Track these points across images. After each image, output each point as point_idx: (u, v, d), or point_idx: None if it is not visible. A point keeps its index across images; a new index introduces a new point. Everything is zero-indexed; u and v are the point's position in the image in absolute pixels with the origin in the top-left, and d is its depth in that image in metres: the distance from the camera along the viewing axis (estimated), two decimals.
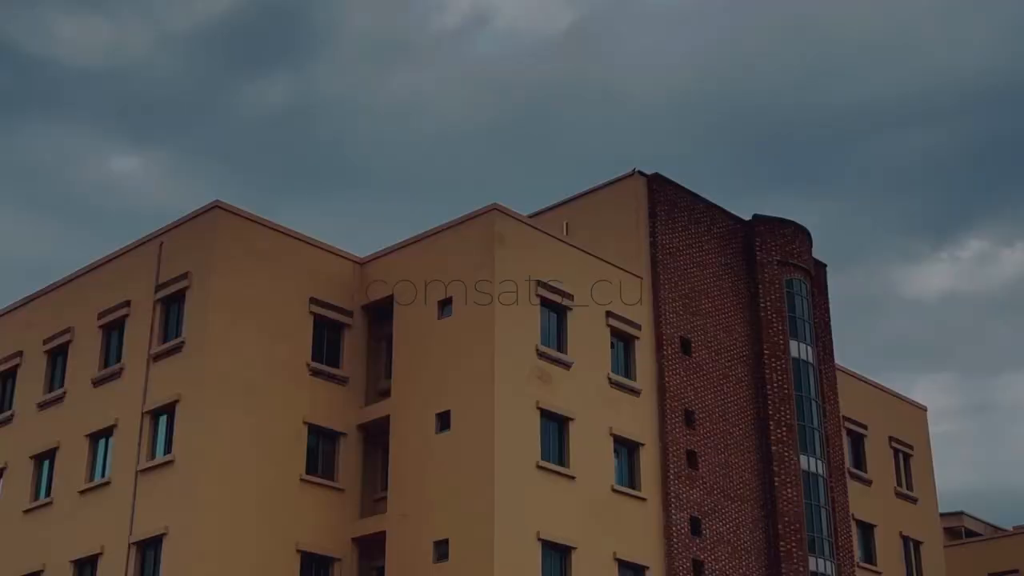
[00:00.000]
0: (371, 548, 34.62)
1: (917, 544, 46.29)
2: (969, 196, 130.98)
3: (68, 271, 38.67)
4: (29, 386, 37.90)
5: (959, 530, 62.90)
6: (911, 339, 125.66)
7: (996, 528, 65.03)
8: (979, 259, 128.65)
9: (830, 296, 44.41)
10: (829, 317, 44.17)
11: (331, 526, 34.31)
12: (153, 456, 33.46)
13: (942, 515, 53.57)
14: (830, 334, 43.95)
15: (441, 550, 32.60)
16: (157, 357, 34.20)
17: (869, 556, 44.07)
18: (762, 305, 41.06)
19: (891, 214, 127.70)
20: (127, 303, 35.69)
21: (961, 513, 64.91)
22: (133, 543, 32.63)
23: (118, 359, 35.54)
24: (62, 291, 38.39)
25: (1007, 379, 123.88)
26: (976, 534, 62.82)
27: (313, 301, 35.66)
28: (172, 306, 34.76)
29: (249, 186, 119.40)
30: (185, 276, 34.22)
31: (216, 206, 34.64)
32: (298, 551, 33.35)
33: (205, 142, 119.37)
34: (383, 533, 34.06)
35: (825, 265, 44.87)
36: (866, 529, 44.32)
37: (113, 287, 36.40)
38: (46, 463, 36.52)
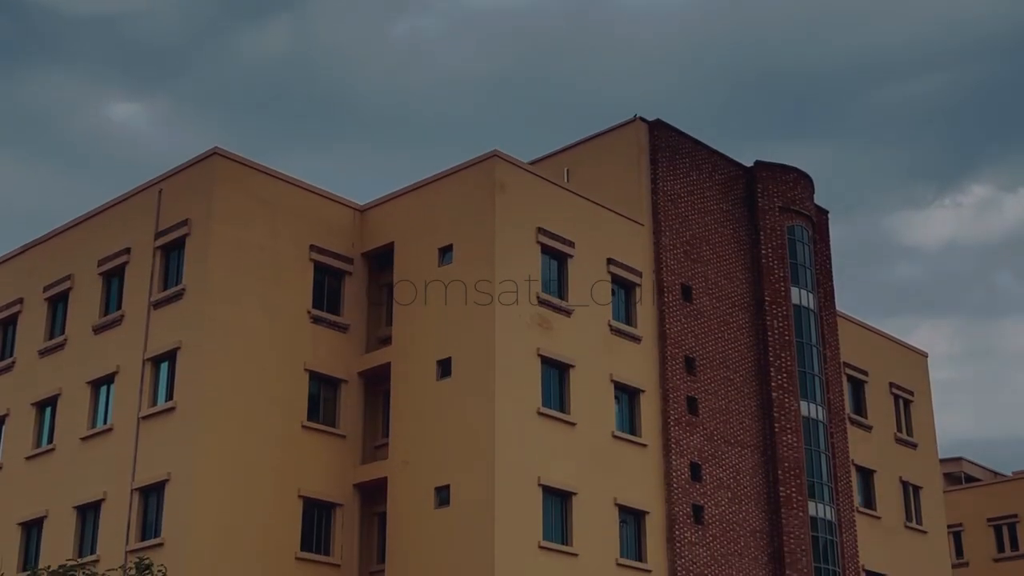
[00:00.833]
0: (373, 494, 34.79)
1: (916, 489, 46.50)
2: (972, 142, 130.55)
3: (67, 218, 38.65)
4: (30, 333, 37.94)
5: (959, 475, 63.22)
6: (913, 286, 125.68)
7: (995, 473, 65.37)
8: (982, 205, 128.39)
9: (832, 243, 44.33)
10: (830, 264, 44.11)
11: (333, 472, 34.47)
12: (155, 403, 33.54)
13: (942, 460, 53.80)
14: (831, 281, 43.92)
15: (442, 496, 32.76)
16: (158, 304, 34.19)
17: (869, 501, 44.28)
18: (763, 252, 41.00)
19: (894, 161, 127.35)
20: (127, 250, 35.64)
21: (960, 459, 65.23)
22: (135, 489, 32.78)
23: (118, 306, 35.54)
24: (62, 238, 38.33)
25: (1008, 326, 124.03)
26: (975, 479, 63.15)
27: (313, 248, 35.60)
28: (172, 253, 34.72)
29: (248, 133, 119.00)
30: (185, 223, 34.14)
31: (215, 153, 34.50)
32: (300, 497, 33.52)
33: (204, 89, 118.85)
34: (384, 479, 34.21)
35: (827, 212, 44.74)
36: (866, 474, 44.49)
37: (113, 234, 36.33)
38: (48, 410, 36.64)
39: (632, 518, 35.29)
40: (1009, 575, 55.60)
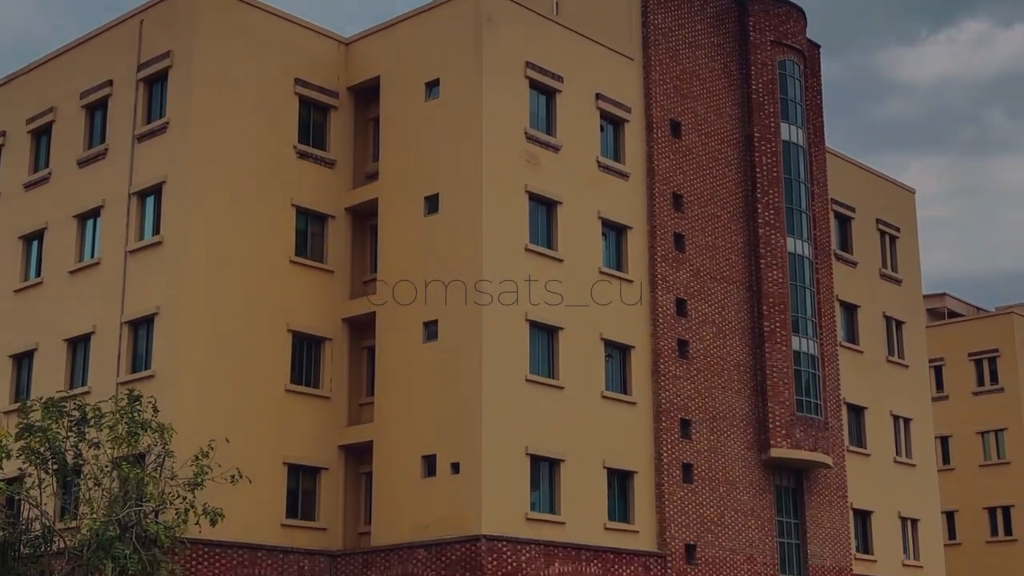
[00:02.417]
0: (361, 328, 35.07)
1: (899, 324, 47.02)
2: None
3: (48, 50, 38.00)
4: (14, 166, 37.66)
5: (942, 311, 63.84)
6: (904, 123, 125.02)
7: (979, 309, 66.04)
8: (976, 42, 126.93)
9: (823, 78, 43.87)
10: (821, 99, 43.75)
11: (321, 307, 34.68)
12: (142, 237, 33.51)
13: (925, 296, 54.32)
14: (821, 117, 43.64)
15: (430, 330, 33.03)
16: (142, 138, 33.86)
17: (852, 336, 44.81)
18: (754, 87, 40.59)
19: None
20: (109, 83, 35.14)
21: (944, 294, 65.80)
22: (125, 322, 32.98)
23: (102, 140, 35.22)
24: (43, 70, 37.74)
25: (998, 163, 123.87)
26: (958, 315, 63.80)
27: (298, 82, 35.13)
28: (155, 86, 34.26)
29: None
30: (167, 55, 33.59)
31: None
32: (289, 331, 33.79)
33: None
34: (372, 314, 34.46)
35: (819, 46, 44.15)
36: (849, 310, 44.93)
37: (95, 66, 35.78)
38: (35, 243, 36.59)
39: (617, 352, 35.71)
40: (988, 407, 56.65)
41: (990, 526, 55.47)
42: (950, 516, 55.35)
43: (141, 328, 32.86)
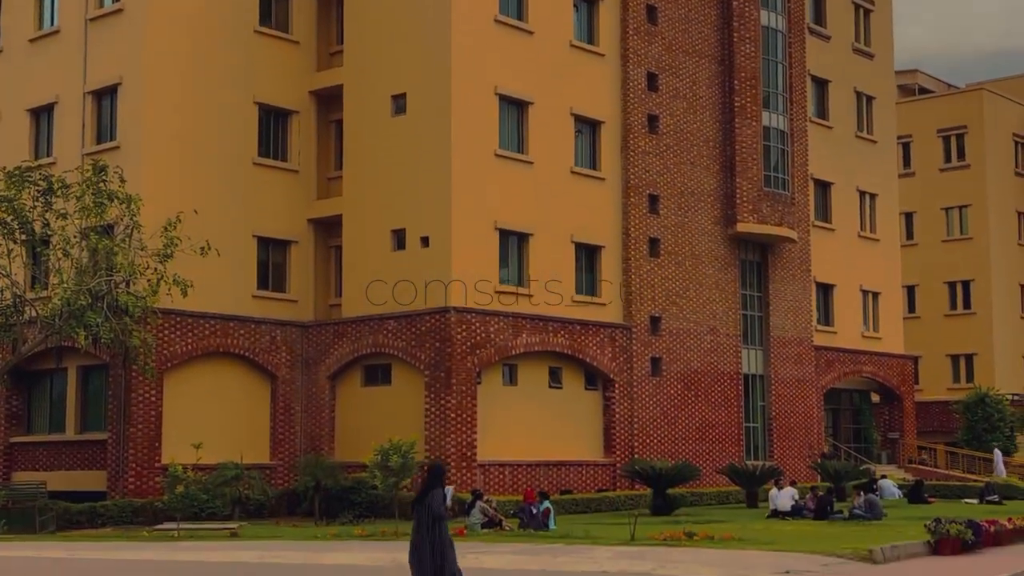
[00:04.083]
0: (329, 102, 34.70)
1: (870, 99, 46.87)
2: None
3: None
4: None
5: (913, 87, 63.58)
6: None
7: (949, 86, 65.78)
8: None
9: None
10: None
11: (288, 78, 34.18)
12: (101, 4, 32.69)
13: (897, 72, 54.01)
14: None
15: (399, 104, 32.70)
16: None
17: (822, 111, 44.70)
18: None
19: None
20: None
21: (916, 71, 65.42)
22: (88, 92, 32.45)
23: None
24: None
25: None
26: (929, 92, 63.56)
27: None
28: None
29: None
30: None
31: None
32: (255, 103, 33.39)
33: None
34: (340, 87, 34.02)
35: None
36: (821, 84, 44.67)
37: None
38: None
39: (588, 127, 35.53)
40: (953, 184, 57.01)
41: (949, 300, 56.58)
42: (911, 290, 56.33)
43: (105, 98, 32.36)
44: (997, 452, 44.98)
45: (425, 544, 13.04)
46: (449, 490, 25.26)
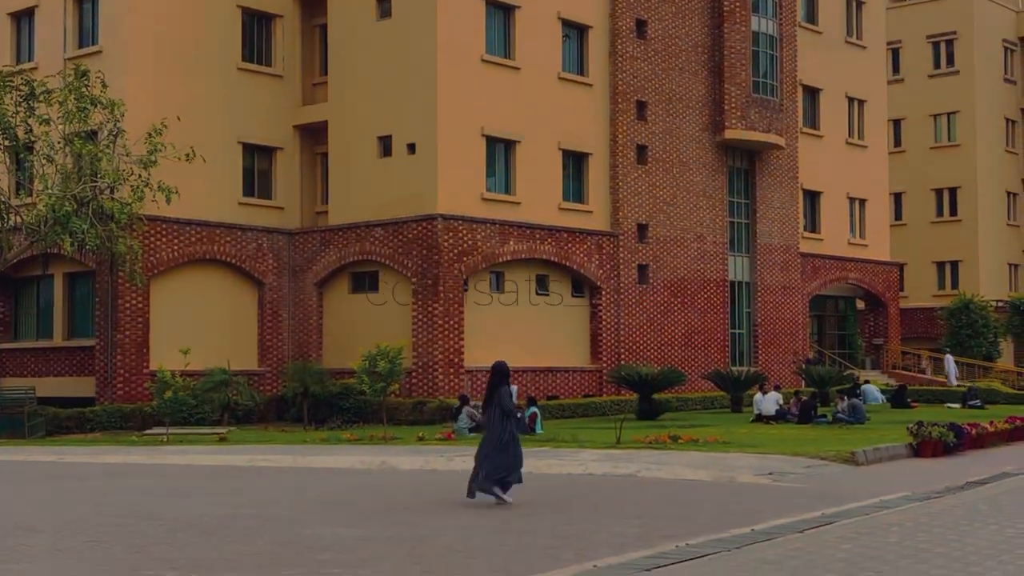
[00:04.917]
0: (313, 4, 34.27)
1: (860, 4, 46.45)
2: None
3: None
4: None
5: None
6: None
7: None
8: None
9: None
10: None
11: None
12: None
13: None
14: None
15: (384, 7, 32.32)
16: None
17: (811, 16, 44.28)
18: None
19: None
20: None
21: None
22: None
23: None
24: None
25: None
26: None
27: None
28: None
29: None
30: None
31: None
32: (239, 7, 32.98)
33: None
34: None
35: None
36: None
37: None
38: None
39: (575, 32, 35.21)
40: (942, 90, 56.67)
41: (936, 207, 56.57)
42: (897, 197, 56.28)
43: (86, 2, 31.91)
44: (948, 357, 45.22)
45: (499, 438, 13.62)
46: (514, 388, 25.09)
